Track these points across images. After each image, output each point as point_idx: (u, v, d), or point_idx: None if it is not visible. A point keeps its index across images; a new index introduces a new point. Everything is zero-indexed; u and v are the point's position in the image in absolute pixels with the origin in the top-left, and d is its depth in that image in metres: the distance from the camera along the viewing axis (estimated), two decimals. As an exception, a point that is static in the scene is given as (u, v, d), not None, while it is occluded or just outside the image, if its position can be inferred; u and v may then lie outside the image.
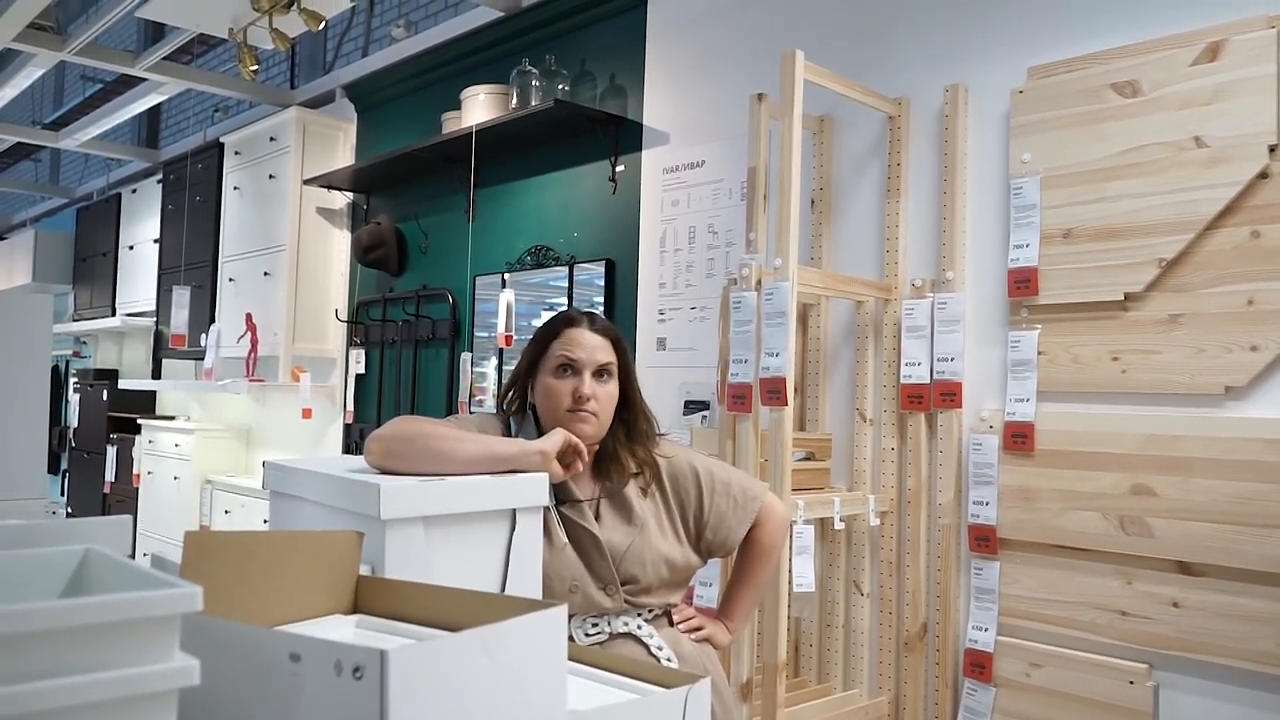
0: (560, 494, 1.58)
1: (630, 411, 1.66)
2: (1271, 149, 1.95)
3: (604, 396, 1.60)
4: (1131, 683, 2.08)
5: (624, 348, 1.67)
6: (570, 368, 1.60)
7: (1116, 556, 2.11)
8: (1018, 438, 2.26)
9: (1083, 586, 2.17)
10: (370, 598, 1.02)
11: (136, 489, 5.36)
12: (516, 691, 0.81)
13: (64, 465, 6.66)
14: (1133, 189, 2.13)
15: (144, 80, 4.84)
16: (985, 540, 2.30)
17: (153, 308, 5.72)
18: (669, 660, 1.58)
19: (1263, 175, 1.96)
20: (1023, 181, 2.29)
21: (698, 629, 1.70)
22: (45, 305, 1.34)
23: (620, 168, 3.37)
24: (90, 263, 6.68)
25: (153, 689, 0.65)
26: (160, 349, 5.61)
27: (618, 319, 3.25)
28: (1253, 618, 1.93)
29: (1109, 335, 2.16)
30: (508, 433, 1.63)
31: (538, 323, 3.55)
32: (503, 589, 1.23)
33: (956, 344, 2.38)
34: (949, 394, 2.38)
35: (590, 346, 1.61)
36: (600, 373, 1.61)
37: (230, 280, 4.87)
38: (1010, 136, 2.33)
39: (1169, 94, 2.09)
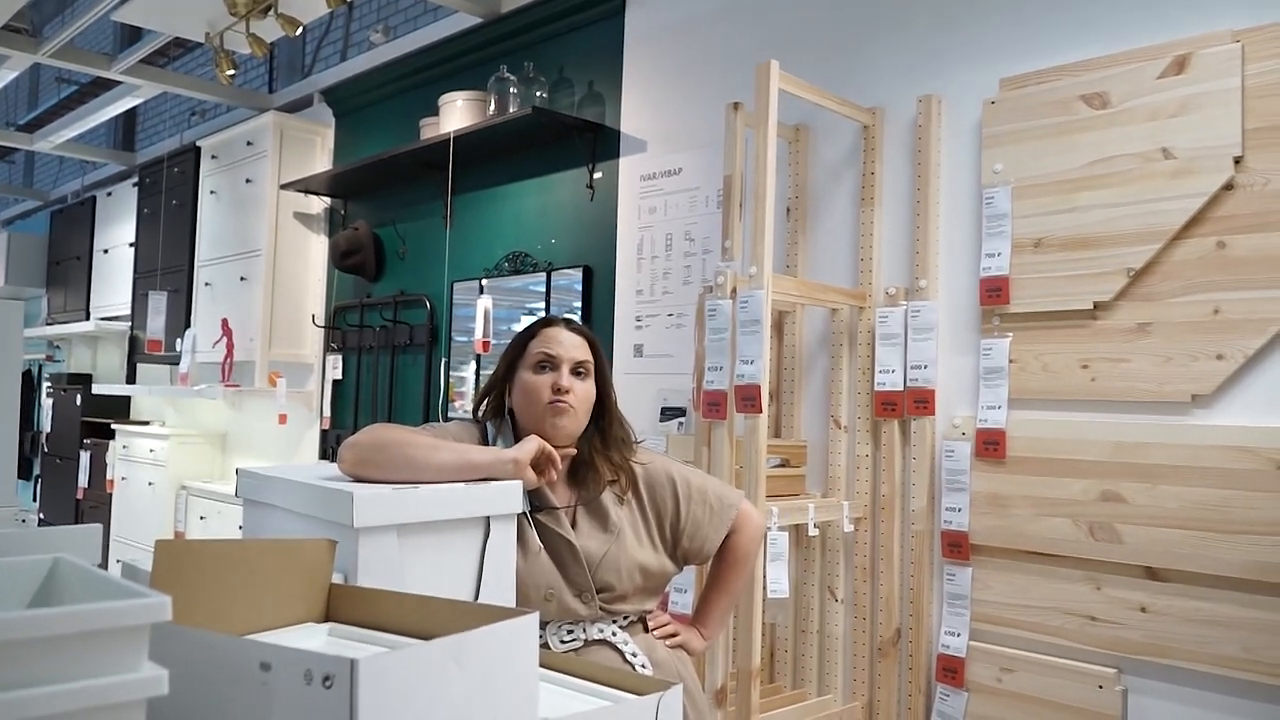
0: (536, 501, 1.58)
1: (606, 418, 1.68)
2: (1237, 160, 1.99)
3: (581, 392, 1.62)
4: (1100, 687, 2.10)
5: (600, 352, 1.68)
6: (549, 363, 1.62)
7: (1086, 562, 2.14)
8: (989, 445, 2.29)
9: (1053, 592, 2.19)
10: (343, 606, 1.03)
11: (110, 495, 5.31)
12: (487, 700, 0.81)
13: (36, 471, 6.58)
14: (1102, 199, 2.16)
15: (120, 83, 4.80)
16: (958, 546, 2.32)
17: (127, 312, 5.67)
18: (644, 667, 1.59)
19: (1228, 186, 2.00)
20: (994, 191, 2.32)
21: (672, 635, 1.71)
22: (16, 312, 1.34)
23: (598, 175, 3.38)
24: (64, 266, 6.61)
25: (120, 699, 0.65)
26: (135, 354, 5.56)
27: (595, 325, 3.26)
28: (1218, 622, 1.96)
29: (1079, 344, 2.19)
30: (485, 440, 1.64)
31: (516, 328, 3.57)
32: (476, 596, 1.24)
33: (930, 351, 2.41)
34: (922, 401, 2.40)
35: (568, 344, 1.64)
36: (578, 370, 1.63)
37: (206, 285, 4.84)
38: (982, 147, 2.36)
39: (1137, 106, 2.12)
